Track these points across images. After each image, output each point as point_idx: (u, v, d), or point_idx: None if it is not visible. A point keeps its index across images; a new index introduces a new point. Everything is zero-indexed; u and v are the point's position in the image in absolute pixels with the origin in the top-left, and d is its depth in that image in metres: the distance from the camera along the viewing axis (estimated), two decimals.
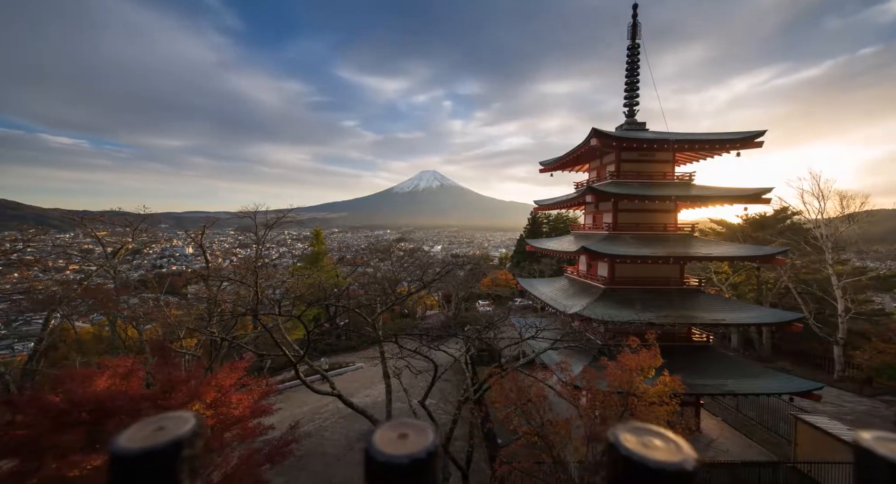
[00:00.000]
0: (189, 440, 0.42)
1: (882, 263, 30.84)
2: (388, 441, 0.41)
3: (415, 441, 0.41)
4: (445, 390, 20.39)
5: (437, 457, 0.39)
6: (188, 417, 0.45)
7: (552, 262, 39.45)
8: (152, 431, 0.42)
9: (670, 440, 0.41)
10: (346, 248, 68.84)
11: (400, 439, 0.41)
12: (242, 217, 23.58)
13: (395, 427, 0.44)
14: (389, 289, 17.16)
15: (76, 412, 5.92)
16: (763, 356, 26.08)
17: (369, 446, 0.39)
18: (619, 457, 0.38)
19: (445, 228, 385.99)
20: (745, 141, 16.67)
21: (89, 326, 27.09)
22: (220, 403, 7.77)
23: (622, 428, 0.43)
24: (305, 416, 17.98)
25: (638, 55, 19.63)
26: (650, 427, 0.44)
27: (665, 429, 0.44)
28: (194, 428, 0.43)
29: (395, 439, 0.41)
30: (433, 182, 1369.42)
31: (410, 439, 0.41)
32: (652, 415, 8.67)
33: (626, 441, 0.39)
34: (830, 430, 12.92)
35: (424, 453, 0.38)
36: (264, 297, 12.84)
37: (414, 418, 1.83)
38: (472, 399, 10.90)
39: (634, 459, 0.36)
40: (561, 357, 12.23)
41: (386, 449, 0.39)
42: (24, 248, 20.80)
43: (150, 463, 0.39)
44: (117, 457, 0.37)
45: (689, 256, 16.40)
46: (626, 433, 0.42)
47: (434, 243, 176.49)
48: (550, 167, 22.20)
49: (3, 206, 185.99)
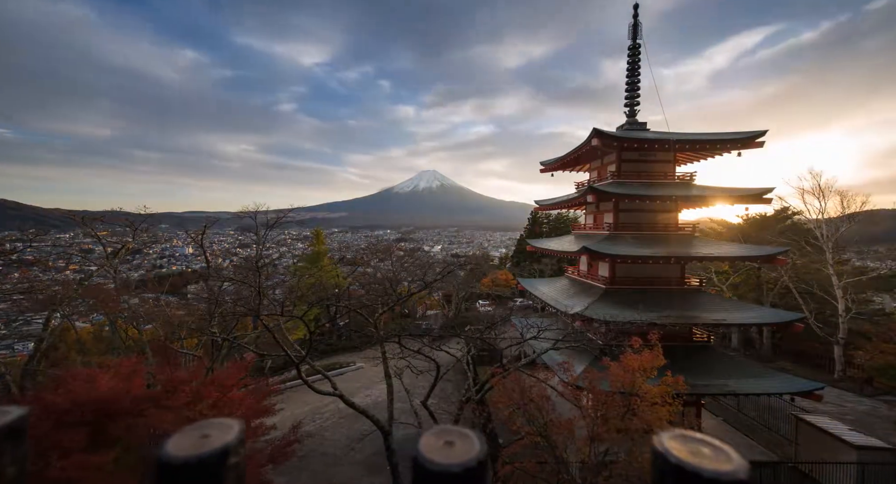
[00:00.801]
0: (235, 448, 0.42)
1: (882, 262, 30.87)
2: (435, 449, 0.40)
3: (462, 448, 0.40)
4: (446, 390, 20.39)
5: (487, 464, 0.39)
6: (232, 423, 0.45)
7: (552, 262, 39.45)
8: (198, 438, 0.42)
9: (717, 448, 0.41)
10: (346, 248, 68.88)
11: (447, 447, 0.41)
12: (243, 217, 23.57)
13: (440, 434, 0.44)
14: (391, 289, 17.15)
15: (79, 412, 5.92)
16: (763, 356, 26.09)
17: (418, 455, 0.39)
18: (669, 466, 0.37)
19: (445, 228, 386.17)
20: (746, 141, 16.68)
21: (89, 326, 27.09)
22: (223, 404, 7.77)
23: (667, 435, 0.42)
24: (306, 416, 17.97)
25: (639, 55, 19.63)
26: (694, 434, 0.44)
27: (708, 436, 0.44)
28: (239, 435, 0.43)
29: (442, 447, 0.41)
30: (433, 182, 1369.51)
31: (457, 447, 0.41)
32: (655, 415, 8.67)
33: (675, 449, 0.39)
34: (831, 430, 12.94)
35: (475, 462, 0.38)
36: (266, 297, 12.84)
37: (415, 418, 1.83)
38: (474, 399, 10.91)
39: (687, 468, 0.35)
40: (562, 357, 12.23)
41: (435, 457, 0.39)
42: (25, 248, 20.79)
43: (199, 471, 0.39)
44: (166, 465, 0.36)
45: (690, 256, 16.40)
46: (672, 441, 0.41)
47: (434, 243, 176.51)
48: (551, 167, 22.20)
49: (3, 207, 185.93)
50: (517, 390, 9.91)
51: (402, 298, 17.63)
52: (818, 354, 24.74)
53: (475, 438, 0.43)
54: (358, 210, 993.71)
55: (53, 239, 44.26)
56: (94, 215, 21.92)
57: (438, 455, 0.40)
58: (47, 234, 30.91)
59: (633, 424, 8.63)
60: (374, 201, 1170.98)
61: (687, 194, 16.96)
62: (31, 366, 16.52)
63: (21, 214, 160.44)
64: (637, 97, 19.94)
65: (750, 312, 16.22)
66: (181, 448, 0.40)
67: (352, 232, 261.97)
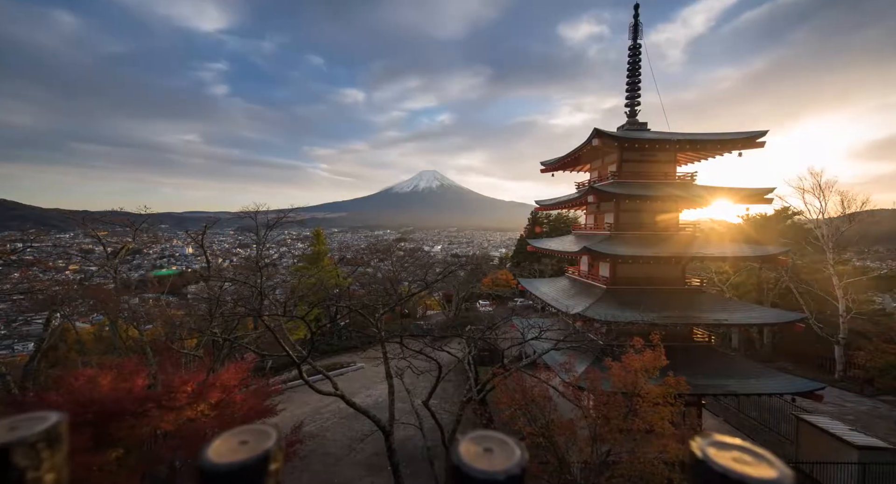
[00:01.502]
0: (275, 453, 0.42)
1: (882, 262, 30.91)
2: (476, 456, 0.40)
3: (502, 455, 0.40)
4: (447, 390, 20.38)
5: (528, 471, 0.39)
6: (268, 429, 0.45)
7: (552, 261, 39.46)
8: (237, 444, 0.42)
9: (758, 454, 0.41)
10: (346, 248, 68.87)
11: (487, 454, 0.41)
12: (243, 217, 23.59)
13: (478, 441, 0.43)
14: (391, 289, 17.15)
15: (83, 413, 5.91)
16: (764, 356, 26.09)
17: (459, 463, 0.39)
18: (713, 474, 0.36)
19: (445, 228, 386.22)
20: (747, 141, 16.68)
21: (89, 326, 27.07)
22: (225, 404, 7.77)
23: (705, 441, 0.42)
24: (307, 416, 17.97)
25: (639, 55, 19.62)
26: (731, 440, 0.44)
27: (745, 441, 0.44)
28: (277, 441, 0.43)
29: (482, 454, 0.41)
30: (433, 182, 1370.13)
31: (497, 453, 0.41)
32: (657, 416, 8.66)
33: (716, 456, 0.39)
34: (832, 430, 12.94)
35: (519, 468, 0.38)
36: (267, 297, 12.83)
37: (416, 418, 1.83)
38: (475, 399, 10.91)
39: (732, 477, 0.34)
40: (564, 357, 12.23)
41: (477, 464, 0.39)
42: (25, 248, 20.77)
43: (241, 478, 0.39)
44: (209, 472, 0.37)
45: (691, 256, 16.41)
46: (712, 447, 0.41)
47: (434, 243, 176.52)
48: (552, 167, 22.20)
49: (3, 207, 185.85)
50: (519, 390, 9.91)
51: (404, 299, 17.63)
52: (819, 355, 24.75)
53: (514, 444, 0.43)
54: (358, 210, 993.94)
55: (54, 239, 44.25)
56: (94, 215, 21.93)
57: (481, 462, 0.39)
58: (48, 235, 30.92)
59: (635, 425, 8.62)
60: (374, 201, 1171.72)
61: (688, 194, 16.96)
62: (32, 366, 16.51)
63: (21, 214, 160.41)
64: (638, 97, 19.94)
65: (751, 312, 16.22)
66: (221, 455, 0.40)
67: (352, 232, 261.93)
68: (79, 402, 6.28)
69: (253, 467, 0.39)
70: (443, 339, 15.89)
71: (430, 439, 11.88)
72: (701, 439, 0.42)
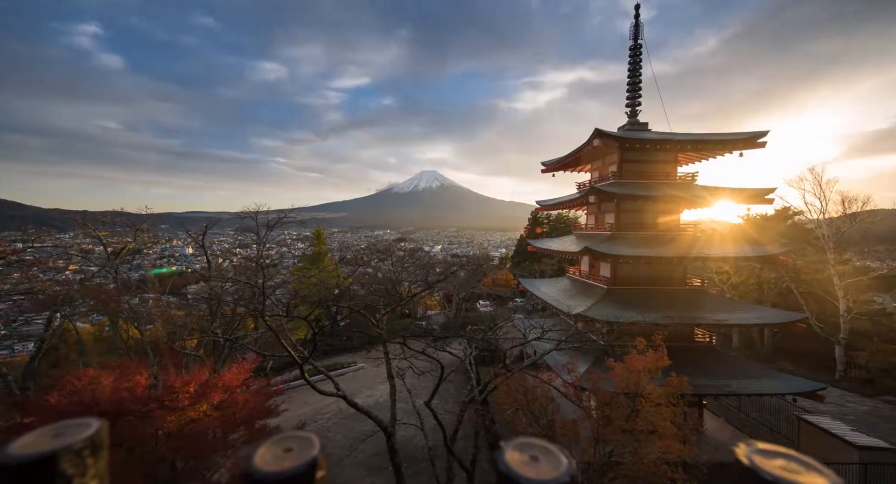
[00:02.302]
0: (321, 461, 0.42)
1: (883, 262, 30.90)
2: (522, 463, 0.40)
3: (548, 463, 0.40)
4: (448, 391, 20.36)
5: (577, 480, 0.38)
6: (310, 436, 0.45)
7: (553, 262, 39.44)
8: (281, 452, 0.42)
9: (806, 462, 0.40)
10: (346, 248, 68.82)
11: (532, 462, 0.41)
12: (244, 217, 23.58)
13: (523, 448, 0.43)
14: (392, 289, 17.15)
15: (85, 414, 5.90)
16: (764, 356, 26.10)
17: (507, 471, 0.38)
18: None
19: (445, 228, 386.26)
20: (748, 141, 16.70)
21: (89, 326, 27.06)
22: (227, 405, 7.77)
23: (751, 450, 0.42)
24: (308, 416, 17.97)
25: (640, 55, 19.64)
26: (774, 447, 0.43)
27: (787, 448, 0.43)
28: (321, 449, 0.43)
29: (529, 462, 0.40)
30: (433, 182, 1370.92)
31: (542, 461, 0.41)
32: (659, 416, 8.67)
33: (765, 464, 0.38)
34: (833, 430, 12.94)
35: (567, 477, 0.38)
36: (269, 297, 12.84)
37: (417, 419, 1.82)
38: (477, 399, 10.91)
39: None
40: (565, 358, 12.24)
41: (525, 473, 0.38)
42: (25, 248, 20.78)
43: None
44: (258, 481, 0.37)
45: (692, 257, 16.41)
46: (757, 455, 0.41)
47: (434, 243, 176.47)
48: (552, 167, 22.21)
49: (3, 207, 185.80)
50: (520, 391, 9.91)
51: (406, 299, 17.63)
52: (819, 355, 24.74)
53: (559, 452, 0.42)
54: (358, 210, 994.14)
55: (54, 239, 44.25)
56: (94, 215, 21.92)
57: (528, 470, 0.39)
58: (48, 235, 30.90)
59: (638, 425, 8.63)
60: (374, 201, 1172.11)
61: (689, 195, 16.98)
62: (33, 366, 16.52)
63: (21, 214, 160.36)
64: (639, 97, 19.94)
65: (751, 312, 16.24)
66: (268, 463, 0.40)
67: (352, 232, 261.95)
68: (81, 402, 6.28)
69: (302, 475, 0.39)
70: (444, 339, 15.89)
71: (431, 440, 11.88)
72: (745, 447, 0.42)
